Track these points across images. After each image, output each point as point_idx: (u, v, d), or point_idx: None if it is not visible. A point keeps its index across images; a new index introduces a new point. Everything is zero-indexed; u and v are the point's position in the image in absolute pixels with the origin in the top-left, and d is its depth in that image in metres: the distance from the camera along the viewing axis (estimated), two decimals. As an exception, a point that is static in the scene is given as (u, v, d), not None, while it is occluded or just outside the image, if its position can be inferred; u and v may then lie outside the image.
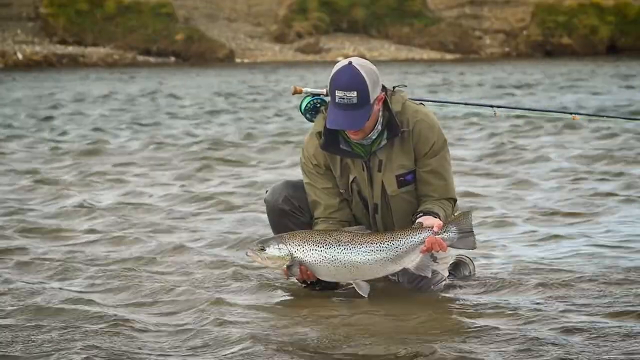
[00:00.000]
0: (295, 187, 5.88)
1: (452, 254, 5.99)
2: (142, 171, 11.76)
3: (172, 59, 43.83)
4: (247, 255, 5.63)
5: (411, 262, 5.53)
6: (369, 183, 5.70)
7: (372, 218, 5.78)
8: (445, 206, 5.68)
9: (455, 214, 5.70)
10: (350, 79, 5.43)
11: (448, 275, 5.99)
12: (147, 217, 8.60)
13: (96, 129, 17.01)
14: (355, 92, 5.42)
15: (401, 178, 5.69)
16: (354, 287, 5.62)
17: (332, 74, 5.50)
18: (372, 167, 5.68)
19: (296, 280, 5.89)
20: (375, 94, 5.49)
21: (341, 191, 5.75)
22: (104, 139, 15.20)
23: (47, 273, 6.53)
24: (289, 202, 5.84)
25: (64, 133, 16.52)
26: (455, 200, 5.79)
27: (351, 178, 5.71)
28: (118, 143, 14.84)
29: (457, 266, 6.16)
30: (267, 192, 5.98)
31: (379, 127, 5.62)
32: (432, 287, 5.81)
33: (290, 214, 5.84)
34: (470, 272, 6.19)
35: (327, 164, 5.73)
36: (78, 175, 11.33)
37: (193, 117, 19.36)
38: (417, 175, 5.70)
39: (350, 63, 5.48)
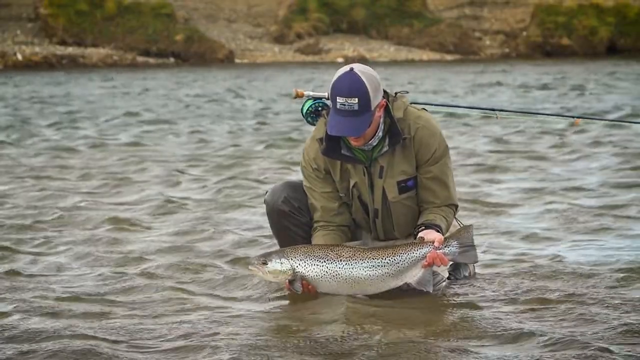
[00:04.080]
0: (295, 188, 5.88)
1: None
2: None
3: (172, 59, 43.82)
4: (249, 269, 5.61)
5: (412, 277, 5.52)
6: (369, 188, 5.69)
7: (372, 223, 5.78)
8: (447, 214, 5.69)
9: (457, 228, 5.72)
10: (351, 85, 5.42)
11: (448, 277, 6.00)
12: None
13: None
14: (356, 99, 5.41)
15: (402, 184, 5.69)
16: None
17: (333, 81, 5.49)
18: (373, 173, 5.67)
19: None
20: (376, 100, 5.48)
21: (341, 195, 5.74)
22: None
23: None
24: (289, 203, 5.84)
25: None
26: (456, 207, 5.81)
27: (352, 183, 5.70)
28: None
29: (457, 267, 6.15)
30: (267, 193, 5.98)
31: (380, 134, 5.62)
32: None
33: (289, 214, 5.84)
34: (470, 273, 6.19)
35: (327, 168, 5.73)
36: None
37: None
38: (419, 181, 5.70)
39: (351, 69, 5.47)
